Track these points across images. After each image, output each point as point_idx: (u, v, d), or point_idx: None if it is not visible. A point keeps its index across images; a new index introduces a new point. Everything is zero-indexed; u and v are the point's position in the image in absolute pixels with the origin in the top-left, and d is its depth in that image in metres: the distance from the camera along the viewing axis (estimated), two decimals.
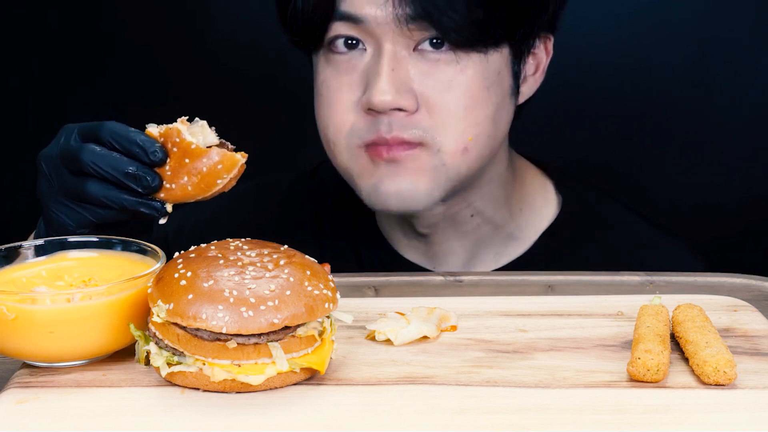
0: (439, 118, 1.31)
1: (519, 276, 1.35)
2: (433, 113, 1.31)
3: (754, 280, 1.32)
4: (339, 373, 1.03)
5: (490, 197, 1.46)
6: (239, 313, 0.96)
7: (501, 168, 1.46)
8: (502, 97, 1.35)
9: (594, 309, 1.18)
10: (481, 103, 1.32)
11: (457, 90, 1.31)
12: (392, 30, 1.29)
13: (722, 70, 2.34)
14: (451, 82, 1.31)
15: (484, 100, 1.33)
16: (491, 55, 1.33)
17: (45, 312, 1.00)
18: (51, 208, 1.20)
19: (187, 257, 1.03)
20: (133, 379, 1.02)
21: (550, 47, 1.43)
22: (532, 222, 1.52)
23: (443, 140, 1.32)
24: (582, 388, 0.99)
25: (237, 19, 2.44)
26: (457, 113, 1.31)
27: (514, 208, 1.50)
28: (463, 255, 1.50)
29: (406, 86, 1.30)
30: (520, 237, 1.51)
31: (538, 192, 1.53)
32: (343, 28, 1.32)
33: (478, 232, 1.49)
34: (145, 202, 1.13)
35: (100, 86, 2.48)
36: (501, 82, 1.35)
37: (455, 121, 1.31)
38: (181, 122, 1.13)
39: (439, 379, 1.01)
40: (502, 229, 1.50)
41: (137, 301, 1.04)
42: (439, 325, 1.12)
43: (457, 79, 1.31)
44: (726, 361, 0.99)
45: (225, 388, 0.98)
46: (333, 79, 1.35)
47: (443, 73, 1.31)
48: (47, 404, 0.97)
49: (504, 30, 1.31)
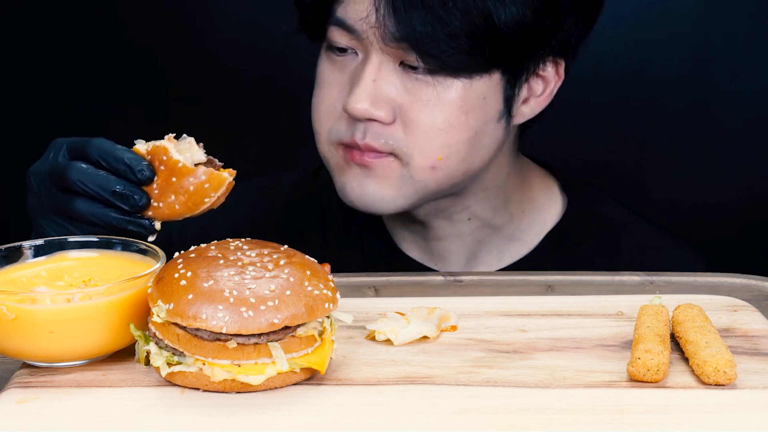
0: (412, 134, 1.33)
1: (519, 276, 1.35)
2: (408, 128, 1.33)
3: (754, 280, 1.32)
4: (339, 373, 1.03)
5: (488, 202, 1.47)
6: (239, 313, 0.96)
7: (500, 176, 1.46)
8: (484, 122, 1.35)
9: (594, 309, 1.18)
10: (456, 128, 1.33)
11: (433, 110, 1.33)
12: (379, 44, 1.32)
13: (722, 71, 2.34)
14: (429, 102, 1.32)
15: (460, 124, 1.33)
16: (476, 80, 1.33)
17: (45, 312, 1.00)
18: (40, 224, 1.22)
19: (187, 257, 1.03)
20: (133, 379, 1.02)
21: (561, 72, 1.41)
22: (534, 224, 1.52)
23: (413, 154, 1.34)
24: (582, 388, 0.99)
25: (237, 19, 2.44)
26: (430, 133, 1.33)
27: (516, 211, 1.51)
28: (463, 254, 1.51)
29: (384, 98, 1.33)
30: (522, 238, 1.52)
31: (542, 194, 1.54)
32: (338, 34, 1.35)
33: (476, 234, 1.50)
34: (133, 220, 1.14)
35: (100, 86, 2.48)
36: (485, 107, 1.35)
37: (427, 140, 1.33)
38: (168, 140, 1.12)
39: (439, 379, 1.01)
40: (502, 231, 1.51)
41: (137, 301, 1.04)
42: (439, 325, 1.12)
43: (435, 100, 1.32)
44: (726, 361, 0.99)
45: (225, 388, 0.98)
46: (327, 74, 1.39)
47: (423, 92, 1.33)
48: (47, 404, 0.97)
49: (489, 59, 1.31)
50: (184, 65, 2.47)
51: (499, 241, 1.51)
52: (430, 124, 1.33)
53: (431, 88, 1.32)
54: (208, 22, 2.46)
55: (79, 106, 2.47)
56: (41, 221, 1.22)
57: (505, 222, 1.50)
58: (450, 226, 1.48)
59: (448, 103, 1.32)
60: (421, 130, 1.33)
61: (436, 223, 1.49)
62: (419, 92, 1.33)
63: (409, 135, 1.33)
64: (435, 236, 1.50)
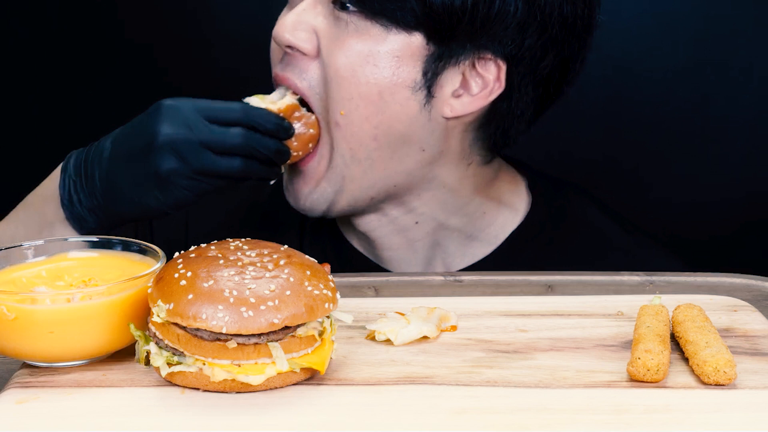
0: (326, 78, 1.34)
1: (519, 276, 1.35)
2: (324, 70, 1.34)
3: (754, 280, 1.32)
4: (339, 373, 1.03)
5: (438, 204, 1.44)
6: (239, 313, 0.96)
7: (450, 176, 1.43)
8: (392, 83, 1.32)
9: (594, 309, 1.18)
10: (357, 77, 1.32)
11: (341, 53, 1.32)
12: None
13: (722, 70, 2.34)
14: (340, 42, 1.32)
15: (363, 75, 1.32)
16: (392, 34, 1.31)
17: (45, 312, 1.00)
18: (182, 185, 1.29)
19: (187, 257, 1.03)
20: (133, 379, 1.02)
21: (502, 78, 1.36)
22: (496, 224, 1.49)
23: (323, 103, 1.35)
24: (582, 388, 0.99)
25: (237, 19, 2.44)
26: (335, 78, 1.33)
27: (476, 211, 1.48)
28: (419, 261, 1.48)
29: (307, 28, 1.34)
30: (483, 239, 1.49)
31: (508, 195, 1.51)
32: None
33: (431, 236, 1.47)
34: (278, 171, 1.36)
35: (100, 86, 2.48)
36: (397, 68, 1.32)
37: (333, 86, 1.33)
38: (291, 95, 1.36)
39: (439, 379, 1.01)
40: (461, 231, 1.48)
41: (137, 301, 1.04)
42: (439, 325, 1.12)
43: (347, 42, 1.32)
44: (726, 361, 0.99)
45: (225, 388, 0.98)
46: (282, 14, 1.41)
47: (341, 32, 1.32)
48: (47, 404, 0.97)
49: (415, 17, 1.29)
50: (184, 65, 2.47)
51: (459, 241, 1.48)
52: (336, 66, 1.32)
53: (350, 26, 1.32)
54: (208, 22, 2.46)
55: (80, 106, 2.47)
56: (184, 182, 1.29)
57: (463, 223, 1.47)
58: (396, 234, 1.46)
59: (357, 49, 1.32)
60: (329, 71, 1.33)
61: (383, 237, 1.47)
62: (338, 31, 1.33)
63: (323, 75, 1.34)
64: (382, 246, 1.48)
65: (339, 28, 1.33)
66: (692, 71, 2.34)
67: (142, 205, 1.31)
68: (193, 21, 2.47)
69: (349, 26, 1.32)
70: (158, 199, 1.30)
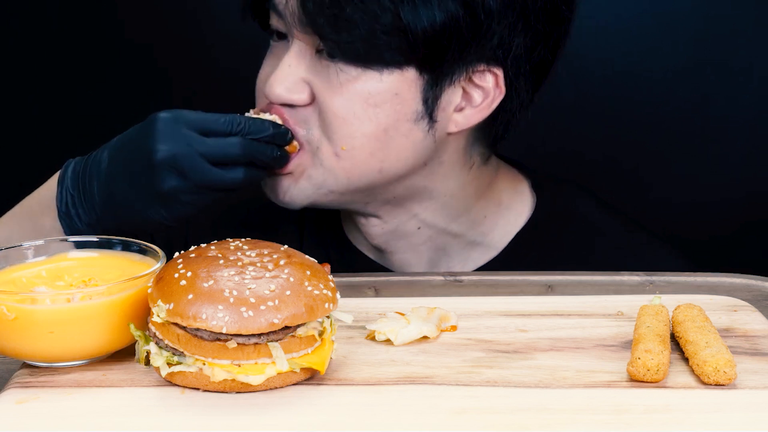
0: (322, 118, 1.33)
1: (519, 276, 1.35)
2: (320, 112, 1.34)
3: (754, 280, 1.32)
4: (339, 373, 1.03)
5: (440, 210, 1.44)
6: (239, 313, 0.96)
7: (450, 186, 1.43)
8: (396, 119, 1.33)
9: (594, 309, 1.18)
10: (360, 119, 1.32)
11: (338, 98, 1.32)
12: (295, 29, 1.33)
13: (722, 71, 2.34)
14: (336, 88, 1.32)
15: (366, 116, 1.32)
16: (387, 74, 1.31)
17: (45, 312, 1.00)
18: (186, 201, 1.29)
19: (187, 257, 1.03)
20: (133, 379, 1.02)
21: (501, 84, 1.35)
22: (499, 227, 1.49)
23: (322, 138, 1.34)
24: (582, 388, 0.99)
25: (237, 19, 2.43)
26: (334, 120, 1.33)
27: (477, 216, 1.47)
28: (421, 266, 1.48)
29: (298, 82, 1.34)
30: (486, 243, 1.48)
31: (510, 197, 1.50)
32: (274, 18, 1.37)
33: (434, 241, 1.47)
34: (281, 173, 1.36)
35: (100, 86, 2.48)
36: (398, 104, 1.32)
37: (331, 126, 1.33)
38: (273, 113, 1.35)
39: (439, 379, 1.01)
40: (464, 236, 1.47)
41: (137, 301, 1.04)
42: (439, 325, 1.12)
43: (340, 88, 1.31)
44: (726, 361, 0.99)
45: (225, 388, 0.98)
46: (265, 60, 1.42)
47: (333, 79, 1.32)
48: (47, 404, 0.97)
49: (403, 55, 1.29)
50: (184, 65, 2.47)
51: (462, 246, 1.48)
52: (334, 111, 1.32)
53: (341, 75, 1.31)
54: (208, 22, 2.46)
55: (80, 106, 2.47)
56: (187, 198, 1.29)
57: (466, 228, 1.47)
58: (403, 242, 1.46)
59: (354, 93, 1.31)
60: (327, 115, 1.33)
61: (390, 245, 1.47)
62: (329, 78, 1.32)
63: (321, 118, 1.33)
64: (389, 250, 1.48)
65: (330, 75, 1.32)
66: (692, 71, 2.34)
67: (144, 222, 1.30)
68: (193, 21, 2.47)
69: (340, 75, 1.31)
70: (161, 214, 1.29)
